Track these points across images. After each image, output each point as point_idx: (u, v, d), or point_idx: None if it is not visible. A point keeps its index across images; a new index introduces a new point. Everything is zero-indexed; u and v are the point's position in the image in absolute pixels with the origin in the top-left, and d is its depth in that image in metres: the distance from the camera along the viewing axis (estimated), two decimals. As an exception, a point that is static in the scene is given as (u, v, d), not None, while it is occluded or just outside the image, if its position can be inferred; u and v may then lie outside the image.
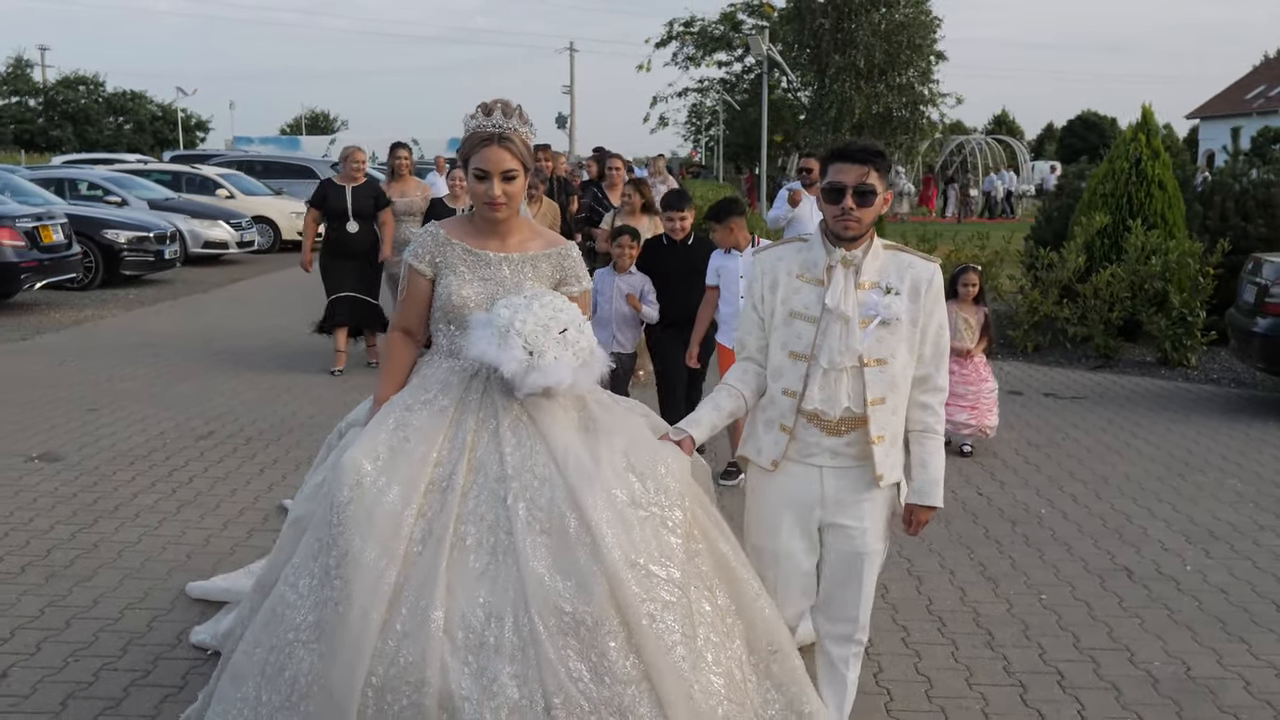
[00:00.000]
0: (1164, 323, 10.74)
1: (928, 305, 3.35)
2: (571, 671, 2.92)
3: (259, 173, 25.69)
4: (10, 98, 78.53)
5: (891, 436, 3.37)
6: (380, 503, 3.09)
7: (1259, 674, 4.29)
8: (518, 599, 2.97)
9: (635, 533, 3.09)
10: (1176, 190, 11.90)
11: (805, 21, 27.90)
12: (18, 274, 13.22)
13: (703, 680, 3.04)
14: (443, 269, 3.50)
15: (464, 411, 3.33)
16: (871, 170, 3.25)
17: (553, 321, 3.29)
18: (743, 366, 3.53)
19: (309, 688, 2.95)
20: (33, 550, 5.35)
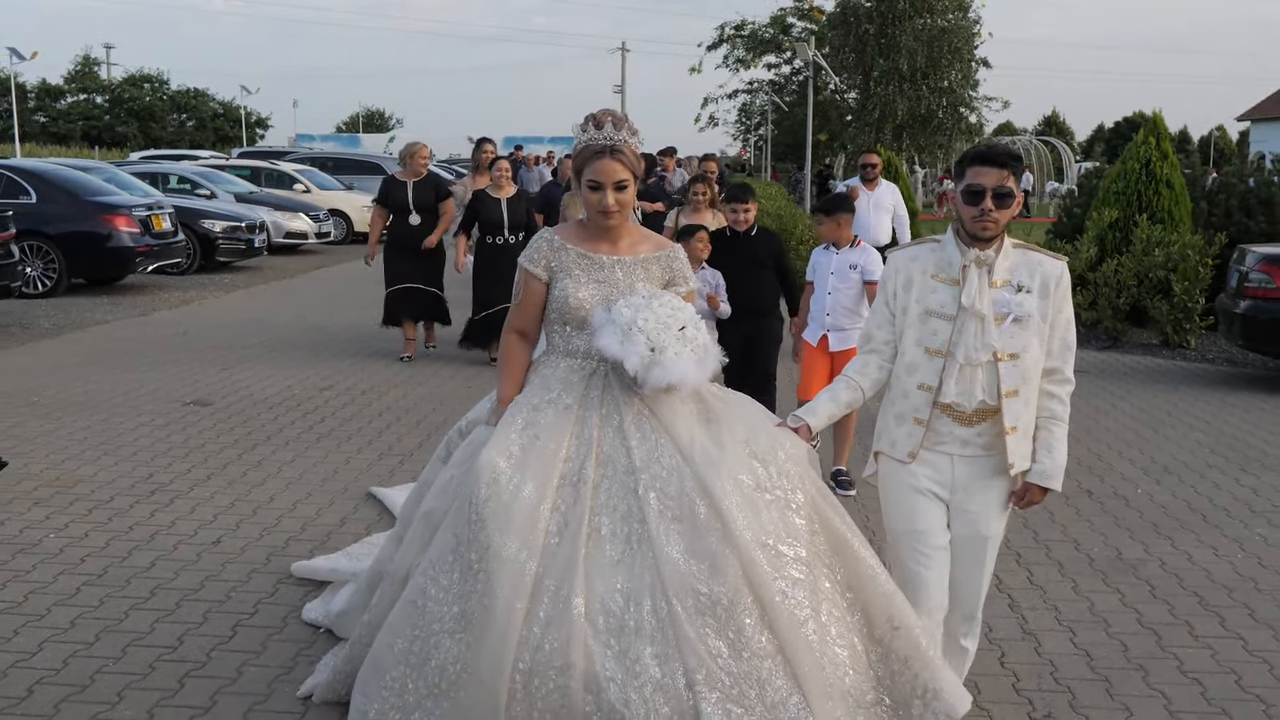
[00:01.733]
0: (1166, 308, 11.85)
1: (1057, 301, 3.46)
2: (711, 649, 3.07)
3: (330, 169, 27.20)
4: (78, 95, 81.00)
5: (1024, 428, 3.49)
6: (517, 498, 3.25)
7: (1175, 558, 5.51)
8: (654, 583, 3.14)
9: (763, 515, 3.25)
10: (1183, 188, 12.99)
11: (851, 27, 29.11)
12: (133, 257, 14.75)
13: (830, 652, 3.21)
14: (558, 273, 3.64)
15: (587, 408, 3.49)
16: (1010, 174, 3.36)
17: (672, 319, 3.42)
18: (864, 359, 3.65)
19: (458, 675, 3.13)
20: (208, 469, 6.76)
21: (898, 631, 3.32)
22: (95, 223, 14.47)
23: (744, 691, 3.04)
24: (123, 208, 14.79)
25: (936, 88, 28.96)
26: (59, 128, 75.18)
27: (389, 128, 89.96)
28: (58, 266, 14.37)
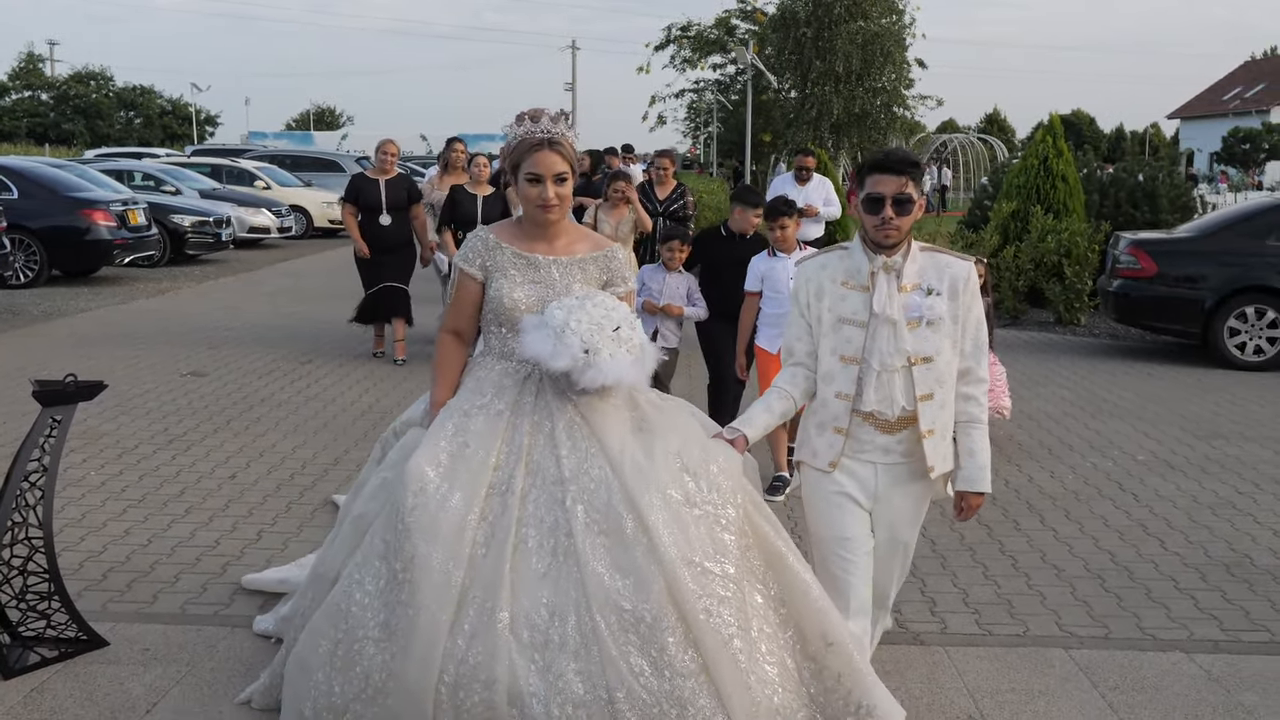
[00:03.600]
0: (1059, 290, 13.24)
1: (966, 301, 3.48)
2: (633, 666, 3.04)
3: (289, 166, 28.08)
4: (23, 92, 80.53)
5: (940, 430, 3.50)
6: (444, 508, 3.21)
7: (1018, 478, 6.78)
8: (579, 598, 3.10)
9: (690, 531, 3.20)
10: (1077, 182, 14.38)
11: (790, 30, 30.48)
12: (111, 249, 15.69)
13: (758, 670, 3.16)
14: (493, 273, 3.59)
15: (519, 415, 3.44)
16: (909, 181, 3.36)
17: (606, 320, 3.38)
18: (791, 371, 3.63)
19: (384, 684, 3.12)
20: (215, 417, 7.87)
21: (831, 648, 3.30)
22: (75, 217, 15.39)
23: (665, 711, 3.03)
24: (100, 203, 15.72)
25: (871, 88, 30.40)
26: (4, 125, 74.70)
27: (340, 125, 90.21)
28: (39, 258, 15.28)
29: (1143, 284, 11.01)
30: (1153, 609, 4.94)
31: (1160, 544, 5.76)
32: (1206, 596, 5.09)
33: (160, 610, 4.72)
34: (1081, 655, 4.44)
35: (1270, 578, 5.33)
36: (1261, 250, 10.63)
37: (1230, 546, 5.74)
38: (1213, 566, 5.46)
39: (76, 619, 4.27)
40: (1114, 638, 4.64)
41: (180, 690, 4.00)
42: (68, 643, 4.25)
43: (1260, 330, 10.59)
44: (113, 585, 4.96)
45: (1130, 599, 5.05)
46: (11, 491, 4.07)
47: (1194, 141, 75.14)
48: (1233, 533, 5.95)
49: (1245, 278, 10.60)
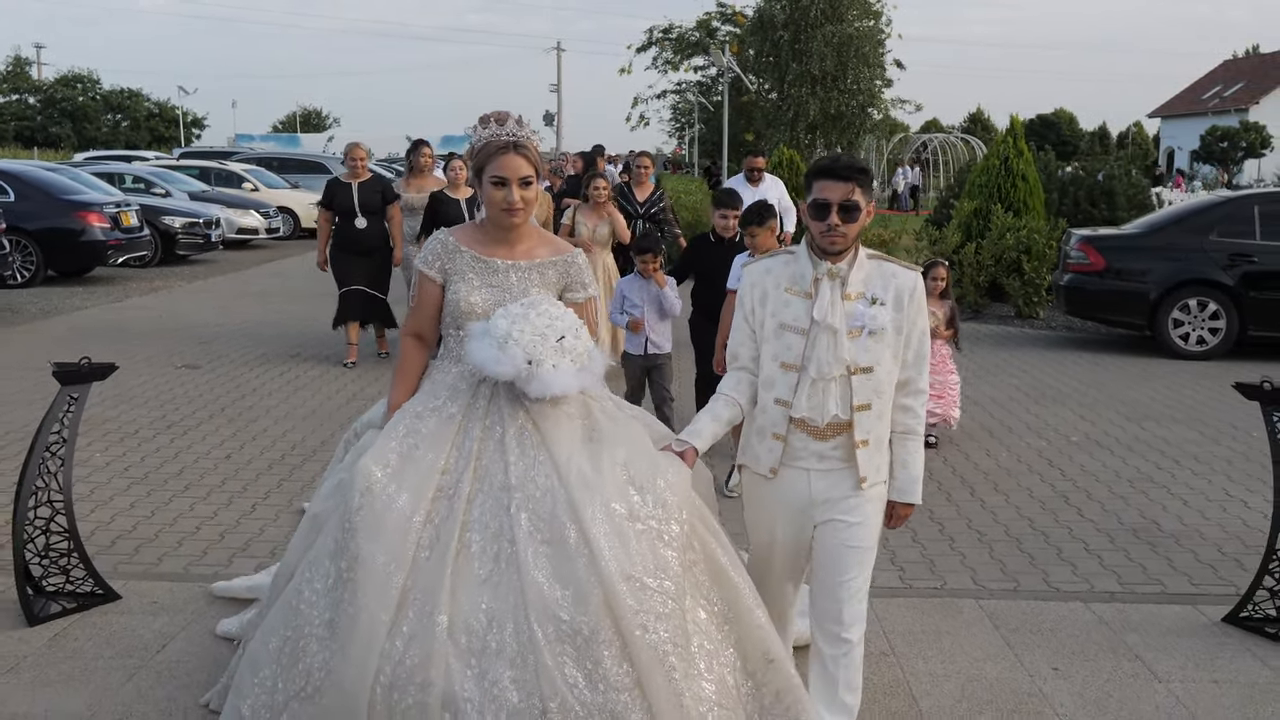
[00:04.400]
0: (1018, 284, 13.80)
1: (911, 313, 3.42)
2: (568, 678, 3.01)
3: (276, 168, 28.52)
4: (10, 95, 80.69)
5: (876, 440, 3.44)
6: (390, 509, 3.20)
7: (957, 457, 7.32)
8: (519, 606, 3.08)
9: (632, 546, 3.16)
10: (1037, 181, 14.95)
11: (767, 33, 31.08)
12: (105, 250, 16.16)
13: (694, 687, 3.14)
14: (452, 275, 3.60)
15: (471, 419, 3.43)
16: (856, 187, 3.32)
17: (549, 330, 3.34)
18: (736, 376, 3.59)
19: (323, 682, 3.12)
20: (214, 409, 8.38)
21: (772, 665, 3.32)
22: (70, 219, 15.86)
23: None
24: (94, 205, 16.20)
25: (846, 89, 31.02)
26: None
27: (326, 127, 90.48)
28: (36, 259, 15.75)
29: (1092, 278, 11.59)
30: (1060, 566, 5.49)
31: (1077, 512, 6.32)
32: (1111, 556, 5.64)
33: (165, 570, 5.25)
34: (989, 604, 4.99)
35: (1173, 540, 5.88)
36: (1204, 246, 11.20)
37: (1141, 514, 6.30)
38: (1122, 531, 6.01)
39: (93, 574, 4.79)
40: (1021, 590, 5.19)
41: (185, 635, 4.52)
42: (85, 596, 4.77)
43: (1203, 321, 11.17)
44: (121, 550, 5.48)
45: (1042, 558, 5.60)
46: (35, 460, 4.59)
47: (1175, 140, 75.85)
48: (1146, 503, 6.51)
49: (1188, 272, 11.17)
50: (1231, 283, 11.02)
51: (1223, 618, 4.83)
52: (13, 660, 4.27)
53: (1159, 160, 75.54)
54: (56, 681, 4.12)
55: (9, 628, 4.54)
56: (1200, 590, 5.21)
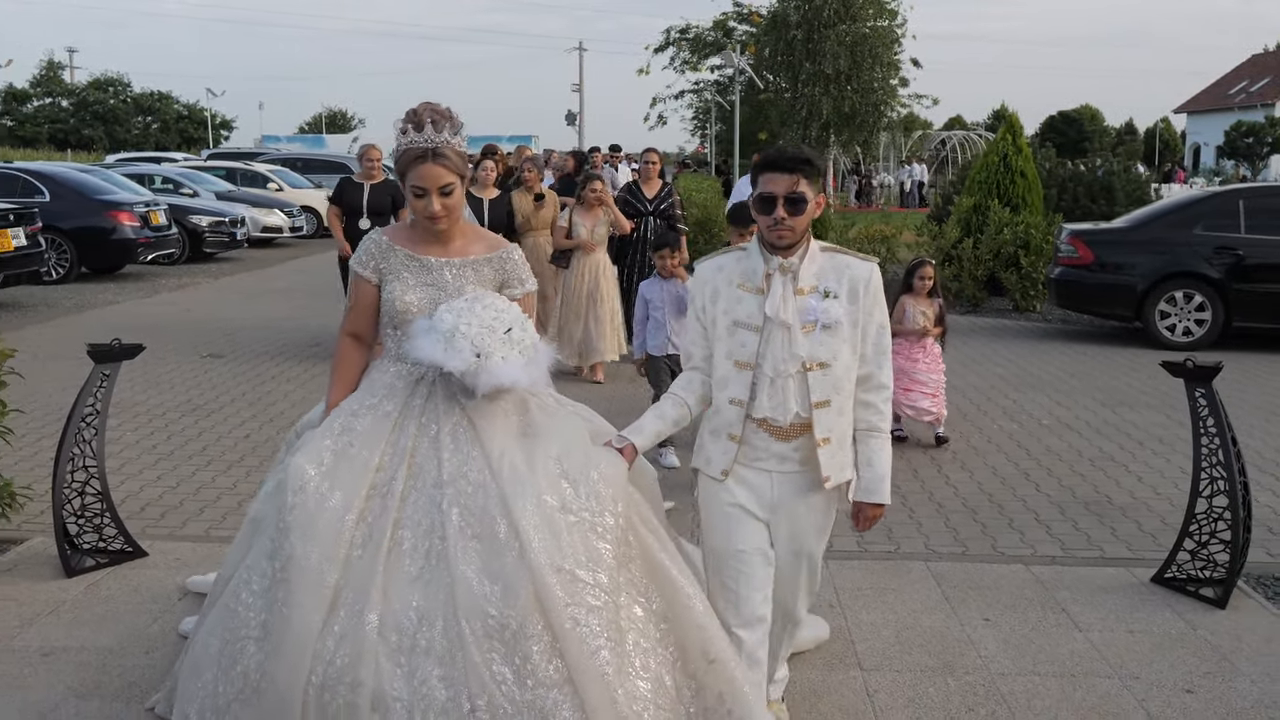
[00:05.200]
0: (1015, 279, 14.19)
1: (867, 305, 3.36)
2: (495, 674, 2.98)
3: (300, 169, 29.18)
4: (44, 99, 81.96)
5: (838, 438, 3.38)
6: (323, 508, 3.18)
7: (933, 443, 7.77)
8: (448, 603, 3.05)
9: (563, 538, 3.13)
10: (1035, 178, 15.32)
11: (781, 32, 31.49)
12: (135, 248, 16.80)
13: (628, 685, 3.10)
14: (387, 275, 3.56)
15: (407, 417, 3.40)
16: (801, 179, 3.25)
17: (496, 322, 3.33)
18: (688, 376, 3.54)
19: (259, 683, 3.09)
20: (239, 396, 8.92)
21: (712, 665, 3.27)
22: (102, 218, 16.51)
23: None
24: (125, 204, 16.83)
25: (859, 88, 31.38)
26: (25, 131, 76.06)
27: (351, 128, 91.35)
28: (69, 256, 16.39)
29: (1081, 271, 11.99)
30: (1010, 534, 5.94)
31: (1035, 487, 6.75)
32: (1059, 526, 6.08)
33: (188, 532, 5.78)
34: (936, 566, 5.44)
35: (1120, 512, 6.31)
36: (1190, 239, 11.57)
37: (1096, 489, 6.73)
38: (1074, 504, 6.45)
39: (123, 533, 5.32)
40: (969, 554, 5.64)
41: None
42: (115, 553, 5.29)
43: (1189, 313, 11.54)
44: (148, 516, 6.01)
45: (993, 527, 6.04)
46: (72, 430, 5.12)
47: (1200, 136, 75.64)
48: (1103, 480, 6.93)
49: (1175, 264, 11.55)
50: (1217, 275, 11.38)
51: (1150, 578, 5.26)
52: (53, 604, 4.80)
53: (1183, 157, 75.49)
54: (90, 622, 4.65)
55: (49, 578, 5.07)
56: (1136, 555, 5.64)
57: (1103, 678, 4.28)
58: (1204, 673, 4.33)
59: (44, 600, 4.85)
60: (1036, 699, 4.11)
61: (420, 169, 3.40)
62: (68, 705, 3.97)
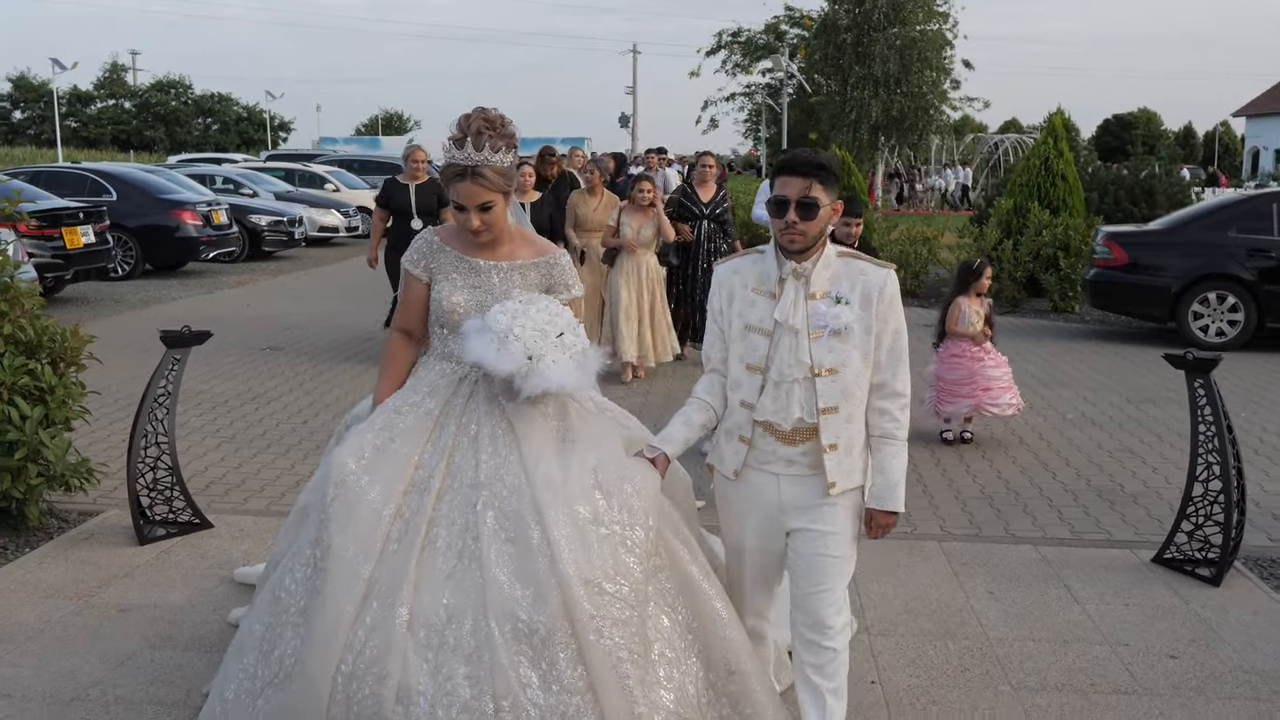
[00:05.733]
0: (1054, 280, 14.38)
1: (881, 311, 3.33)
2: (521, 677, 3.04)
3: (356, 170, 29.86)
4: (108, 101, 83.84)
5: (845, 445, 3.35)
6: (362, 501, 3.25)
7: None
8: (478, 603, 3.11)
9: (593, 550, 3.18)
10: (1076, 180, 15.49)
11: (831, 36, 31.76)
12: (197, 246, 17.44)
13: (652, 696, 3.15)
14: (436, 274, 3.64)
15: (448, 416, 3.45)
16: (815, 183, 3.25)
17: (549, 325, 3.35)
18: (710, 379, 3.56)
19: (293, 668, 3.17)
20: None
21: (734, 676, 3.32)
22: (166, 217, 17.16)
23: None
24: (188, 204, 17.48)
25: (908, 92, 31.57)
26: (89, 132, 77.85)
27: (407, 129, 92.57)
28: (135, 254, 17.06)
29: (1116, 272, 12.17)
30: (1023, 518, 6.23)
31: (1052, 476, 7.03)
32: (1071, 511, 6.36)
33: (250, 507, 6.23)
34: (949, 545, 5.75)
35: (1131, 499, 6.58)
36: (1223, 241, 11.73)
37: (1111, 479, 7.00)
38: (1087, 491, 6.72)
39: (191, 505, 5.77)
40: (982, 535, 5.94)
41: (265, 554, 5.44)
42: (184, 524, 5.75)
43: (1222, 314, 11.70)
44: (213, 493, 6.47)
45: (1008, 511, 6.34)
46: (146, 409, 5.58)
47: (1260, 139, 74.49)
48: (1119, 469, 7.20)
49: (1208, 266, 11.71)
50: (1250, 277, 11.53)
51: (1151, 559, 5.54)
52: (129, 569, 5.26)
53: (1243, 161, 74.40)
54: (162, 583, 5.10)
55: (124, 545, 5.54)
56: (1141, 538, 5.91)
57: (1093, 644, 4.59)
58: (1189, 640, 4.62)
59: (120, 564, 5.31)
60: (1029, 660, 4.43)
61: (459, 186, 3.46)
62: (142, 654, 4.41)
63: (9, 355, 5.51)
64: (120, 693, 4.10)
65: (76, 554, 5.43)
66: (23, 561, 5.33)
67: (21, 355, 5.61)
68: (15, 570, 5.22)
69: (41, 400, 5.60)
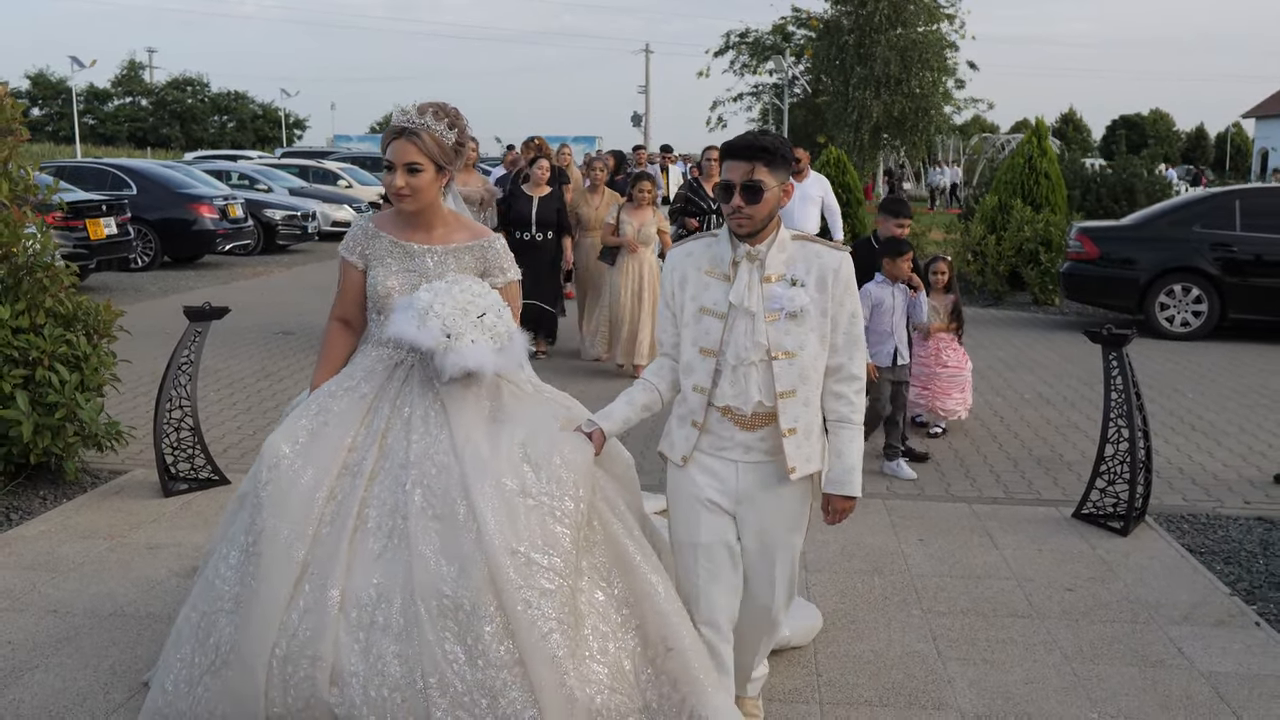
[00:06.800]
0: (1034, 274, 14.98)
1: (837, 294, 3.32)
2: (448, 653, 3.04)
3: (369, 167, 30.56)
4: (124, 98, 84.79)
5: (804, 429, 3.34)
6: (295, 485, 3.26)
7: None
8: (406, 581, 3.12)
9: (520, 521, 3.17)
10: (1059, 178, 16.08)
11: (834, 37, 32.37)
12: (214, 238, 18.14)
13: (583, 669, 3.13)
14: (372, 260, 3.64)
15: (382, 399, 3.46)
16: (759, 165, 3.21)
17: (471, 305, 3.36)
18: (660, 362, 3.55)
19: (228, 655, 3.18)
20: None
21: (671, 653, 3.29)
22: (184, 210, 17.86)
23: (475, 700, 3.03)
24: (206, 198, 18.19)
25: (909, 92, 32.16)
26: (106, 129, 78.76)
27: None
28: (154, 245, 17.77)
29: (1088, 266, 12.77)
30: (963, 481, 6.85)
31: (999, 446, 7.65)
32: (1009, 475, 6.98)
33: (264, 466, 6.88)
34: (892, 503, 6.37)
35: (1066, 466, 7.20)
36: (1188, 236, 12.31)
37: (1052, 449, 7.61)
38: (1028, 460, 7.34)
39: (211, 463, 6.44)
40: (924, 495, 6.56)
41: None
42: (204, 481, 6.41)
43: (1187, 305, 12.29)
44: (230, 455, 7.13)
45: (951, 475, 6.96)
46: (171, 375, 6.24)
47: (1269, 140, 74.74)
48: (1061, 441, 7.81)
49: (1174, 260, 12.30)
50: (1213, 270, 12.12)
51: (1070, 514, 6.16)
52: (156, 515, 5.93)
53: (1252, 162, 74.52)
54: (185, 527, 5.77)
55: (151, 498, 6.21)
56: (1068, 498, 6.51)
57: (1002, 579, 5.22)
58: (1088, 577, 5.25)
59: (147, 512, 5.98)
60: (942, 592, 5.06)
61: (394, 144, 3.49)
62: (170, 581, 5.07)
63: (49, 326, 6.18)
64: (152, 610, 4.76)
65: (109, 504, 6.10)
66: (62, 509, 6.00)
67: (59, 327, 6.27)
68: (56, 516, 5.89)
69: (77, 367, 6.26)
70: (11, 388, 5.93)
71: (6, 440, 5.96)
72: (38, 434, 5.99)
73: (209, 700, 3.23)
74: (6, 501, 6.02)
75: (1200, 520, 6.14)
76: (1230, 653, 4.48)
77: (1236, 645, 4.55)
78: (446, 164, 3.56)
